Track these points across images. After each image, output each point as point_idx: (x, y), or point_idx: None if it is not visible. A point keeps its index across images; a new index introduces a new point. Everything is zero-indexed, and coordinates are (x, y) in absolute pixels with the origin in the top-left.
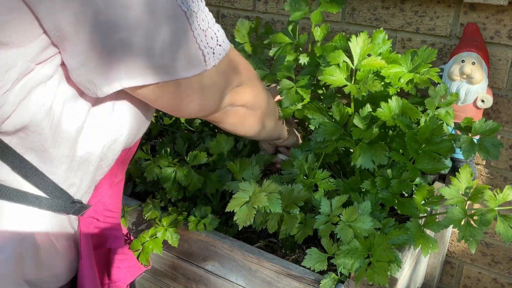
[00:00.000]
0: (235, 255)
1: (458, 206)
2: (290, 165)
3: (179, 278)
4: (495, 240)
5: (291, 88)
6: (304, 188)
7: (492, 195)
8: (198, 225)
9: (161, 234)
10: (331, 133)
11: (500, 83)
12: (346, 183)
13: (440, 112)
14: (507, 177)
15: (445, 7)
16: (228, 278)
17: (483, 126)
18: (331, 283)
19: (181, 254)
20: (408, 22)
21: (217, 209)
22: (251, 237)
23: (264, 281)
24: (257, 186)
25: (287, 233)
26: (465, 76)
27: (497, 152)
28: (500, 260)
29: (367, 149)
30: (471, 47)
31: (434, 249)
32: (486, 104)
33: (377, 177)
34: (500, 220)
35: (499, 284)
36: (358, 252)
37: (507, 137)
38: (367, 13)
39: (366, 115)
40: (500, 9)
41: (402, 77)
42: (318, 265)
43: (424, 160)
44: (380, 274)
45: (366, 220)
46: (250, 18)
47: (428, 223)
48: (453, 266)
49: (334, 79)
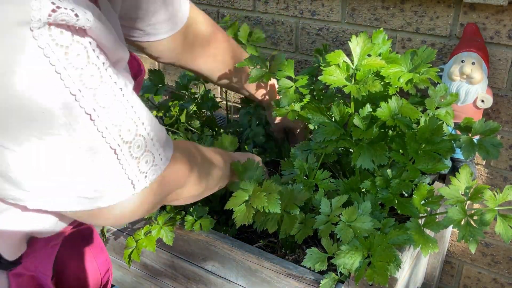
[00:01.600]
0: (235, 255)
1: (458, 206)
2: (290, 165)
3: (179, 278)
4: (495, 240)
5: (290, 88)
6: (304, 188)
7: (492, 195)
8: (194, 225)
9: (155, 232)
10: (331, 133)
11: (500, 83)
12: (346, 183)
13: (440, 112)
14: (507, 177)
15: (445, 7)
16: (228, 278)
17: (483, 126)
18: (331, 283)
19: (181, 254)
20: (408, 22)
21: (217, 209)
22: (251, 237)
23: (264, 281)
24: (257, 186)
25: (287, 233)
26: (465, 76)
27: (497, 152)
28: (500, 260)
29: (367, 149)
30: (471, 47)
31: (434, 249)
32: (486, 104)
33: (377, 177)
34: (500, 220)
35: (499, 284)
36: (358, 252)
37: (507, 137)
38: (367, 13)
39: (366, 115)
40: (500, 9)
41: (402, 77)
42: (318, 265)
43: (424, 160)
44: (380, 274)
45: (366, 220)
46: (250, 18)
47: (428, 223)
48: (453, 266)
49: (334, 79)
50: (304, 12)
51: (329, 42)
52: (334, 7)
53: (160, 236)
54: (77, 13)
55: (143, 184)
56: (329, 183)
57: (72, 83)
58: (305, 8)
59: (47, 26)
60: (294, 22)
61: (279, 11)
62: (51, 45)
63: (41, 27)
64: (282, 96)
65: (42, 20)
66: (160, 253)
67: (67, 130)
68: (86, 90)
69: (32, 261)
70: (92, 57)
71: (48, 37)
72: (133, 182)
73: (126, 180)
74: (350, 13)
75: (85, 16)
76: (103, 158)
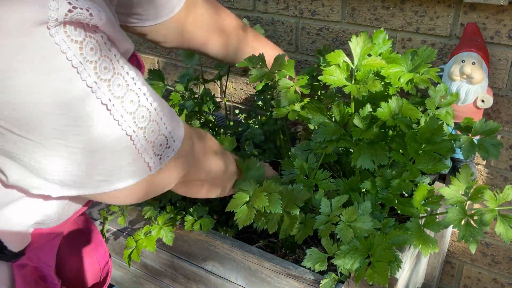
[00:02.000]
0: (235, 255)
1: (458, 206)
2: (290, 165)
3: (179, 278)
4: (495, 240)
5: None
6: (304, 188)
7: (492, 195)
8: (194, 225)
9: (155, 232)
10: (331, 133)
11: (500, 83)
12: (346, 183)
13: (440, 112)
14: (507, 177)
15: (445, 7)
16: (228, 278)
17: (483, 126)
18: (331, 283)
19: (181, 254)
20: (408, 22)
21: (217, 209)
22: (251, 237)
23: (264, 281)
24: (258, 186)
25: (287, 233)
26: (465, 76)
27: (497, 152)
28: (500, 260)
29: (367, 149)
30: (471, 47)
31: (434, 249)
32: (486, 104)
33: (377, 177)
34: (500, 220)
35: (499, 284)
36: (358, 252)
37: (507, 137)
38: (367, 13)
39: (366, 115)
40: (500, 9)
41: (402, 76)
42: (318, 265)
43: (424, 160)
44: (380, 274)
45: (366, 220)
46: (250, 18)
47: (428, 223)
48: (453, 266)
49: (334, 79)
50: (304, 12)
51: (329, 42)
52: (334, 7)
53: (160, 236)
54: (91, 13)
55: (158, 165)
56: (329, 183)
57: (88, 76)
58: (305, 8)
59: (62, 24)
60: (294, 22)
61: (279, 11)
62: (67, 41)
63: (57, 25)
64: (282, 96)
65: (59, 20)
66: (160, 253)
67: (85, 120)
68: (101, 82)
69: (35, 253)
70: (105, 50)
71: (64, 34)
72: (149, 164)
73: (143, 163)
74: (350, 13)
75: (99, 15)
76: (121, 144)
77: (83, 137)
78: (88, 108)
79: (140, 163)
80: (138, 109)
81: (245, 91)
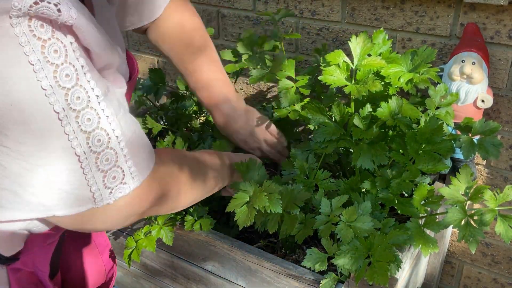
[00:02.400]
0: (235, 255)
1: (458, 206)
2: (290, 165)
3: (179, 278)
4: (495, 240)
5: (290, 88)
6: (304, 188)
7: (492, 195)
8: (194, 225)
9: (155, 232)
10: (331, 133)
11: (500, 83)
12: (346, 183)
13: (440, 112)
14: (507, 177)
15: (445, 7)
16: (228, 278)
17: (483, 126)
18: (331, 283)
19: (181, 254)
20: (408, 22)
21: (217, 209)
22: (251, 237)
23: (264, 281)
24: (258, 186)
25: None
26: (465, 76)
27: (497, 152)
28: (500, 260)
29: (367, 149)
30: (471, 47)
31: (434, 249)
32: (486, 104)
33: (377, 177)
34: (500, 220)
35: (499, 284)
36: (358, 252)
37: (507, 137)
38: (367, 13)
39: (366, 115)
40: (500, 9)
41: (402, 76)
42: (318, 265)
43: (424, 160)
44: (380, 274)
45: (366, 220)
46: (250, 18)
47: (428, 223)
48: (453, 266)
49: (334, 79)
50: (304, 12)
51: (329, 42)
52: (334, 7)
53: (160, 236)
54: (60, 8)
55: (106, 200)
56: (329, 183)
57: (45, 77)
58: (305, 8)
59: (28, 17)
60: (294, 22)
61: None
62: (28, 35)
63: (21, 16)
64: (282, 97)
65: (22, 10)
66: (160, 253)
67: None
68: (58, 89)
69: (31, 258)
70: (71, 57)
71: (26, 27)
72: (94, 195)
73: (87, 192)
74: (350, 13)
75: (68, 12)
76: (66, 163)
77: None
78: (37, 112)
79: (84, 191)
80: (95, 130)
81: (245, 91)
